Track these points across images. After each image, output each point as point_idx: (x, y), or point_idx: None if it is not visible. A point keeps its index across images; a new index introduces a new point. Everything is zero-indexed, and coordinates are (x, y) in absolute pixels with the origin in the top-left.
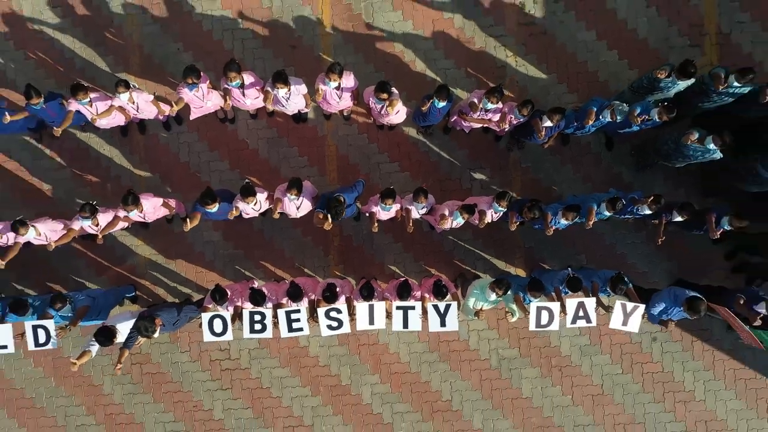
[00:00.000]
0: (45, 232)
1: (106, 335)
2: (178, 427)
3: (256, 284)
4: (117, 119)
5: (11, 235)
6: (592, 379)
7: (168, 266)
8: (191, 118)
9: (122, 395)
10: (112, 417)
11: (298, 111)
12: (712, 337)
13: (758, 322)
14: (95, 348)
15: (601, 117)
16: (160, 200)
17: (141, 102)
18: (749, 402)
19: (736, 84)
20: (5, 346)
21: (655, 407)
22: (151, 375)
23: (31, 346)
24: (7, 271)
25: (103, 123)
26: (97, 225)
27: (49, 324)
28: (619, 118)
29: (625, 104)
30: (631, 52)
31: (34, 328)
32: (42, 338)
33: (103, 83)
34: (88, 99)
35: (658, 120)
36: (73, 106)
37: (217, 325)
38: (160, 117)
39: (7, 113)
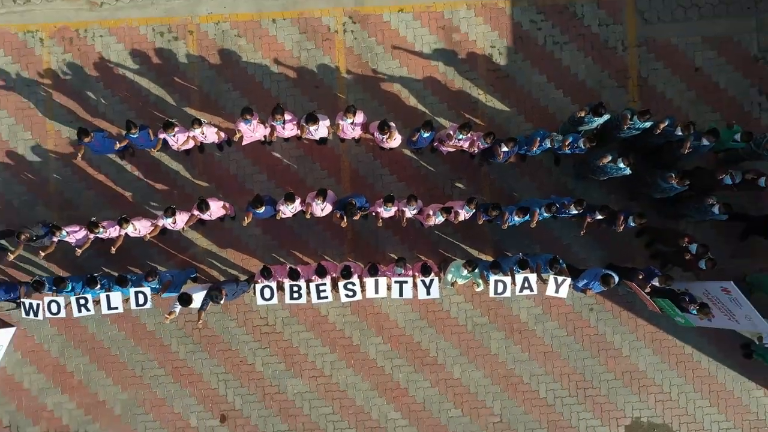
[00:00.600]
0: (139, 228)
1: (185, 299)
2: (228, 377)
3: (288, 267)
4: (188, 144)
5: (114, 229)
6: (544, 340)
7: (220, 254)
8: (243, 144)
9: (185, 352)
10: (177, 369)
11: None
12: (635, 307)
13: (648, 289)
14: (178, 308)
15: (543, 144)
16: (221, 203)
17: (208, 133)
18: (662, 357)
19: (638, 121)
20: (116, 308)
21: (591, 361)
22: (207, 337)
23: (133, 305)
24: (101, 257)
25: (177, 145)
26: (174, 223)
27: (146, 290)
28: (557, 145)
29: (560, 135)
30: (573, 92)
31: (136, 293)
32: (141, 300)
33: (171, 114)
34: (174, 132)
35: (583, 147)
36: (162, 135)
37: (266, 293)
38: (217, 141)
39: (117, 141)
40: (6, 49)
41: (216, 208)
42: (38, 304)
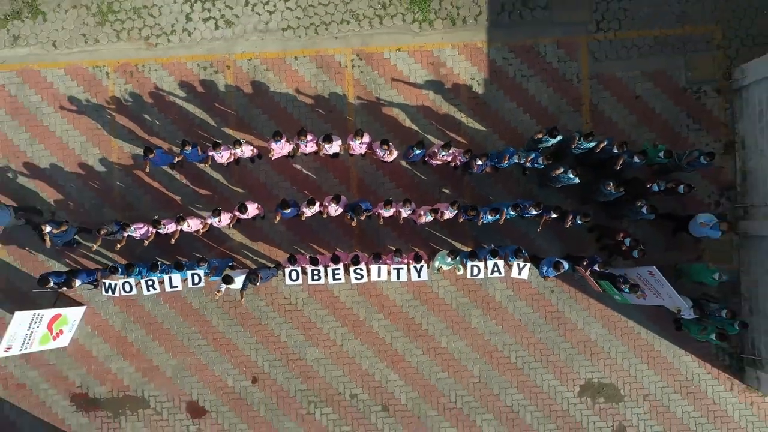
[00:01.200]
0: (191, 225)
1: (228, 280)
2: (258, 346)
3: (308, 256)
4: (230, 158)
5: (171, 225)
6: (514, 316)
7: (252, 246)
8: (272, 158)
9: (223, 326)
10: (217, 340)
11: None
12: (588, 289)
13: (588, 273)
14: (224, 287)
15: (511, 159)
16: (256, 205)
17: (246, 150)
18: (610, 329)
19: (583, 142)
20: (176, 287)
21: (552, 333)
22: (241, 314)
23: (190, 285)
24: (156, 249)
25: (222, 160)
26: (219, 221)
27: (200, 272)
28: (522, 160)
29: (525, 152)
30: (538, 116)
31: (192, 274)
32: (196, 280)
33: (212, 133)
34: (220, 151)
35: (541, 163)
36: (211, 153)
37: (293, 276)
38: (250, 156)
39: (174, 156)
40: (79, 81)
41: (252, 210)
42: (115, 284)
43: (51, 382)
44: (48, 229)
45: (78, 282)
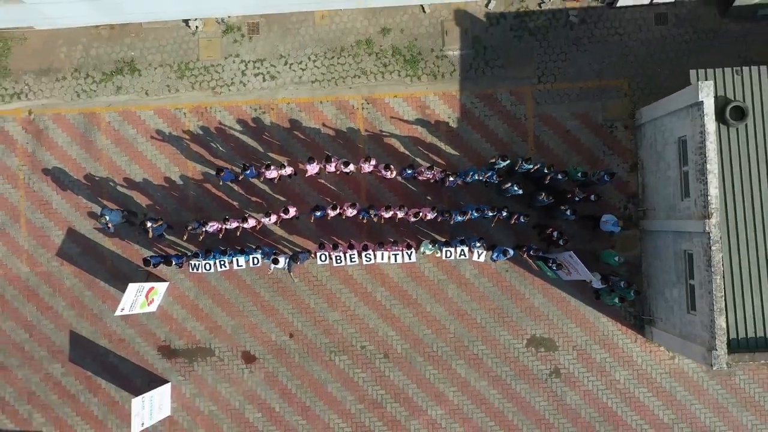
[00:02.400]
0: (250, 222)
1: (276, 261)
2: (294, 311)
3: (331, 245)
4: (275, 175)
5: (236, 223)
6: (479, 289)
7: (289, 238)
8: (305, 176)
9: (268, 296)
10: (263, 305)
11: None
12: (532, 269)
13: (525, 256)
14: (272, 267)
15: (473, 176)
16: (294, 208)
17: (287, 170)
18: (549, 299)
19: (524, 164)
20: (241, 266)
21: (507, 302)
22: (281, 288)
23: (251, 265)
24: (220, 241)
25: (270, 177)
26: (269, 220)
27: (258, 255)
28: (481, 177)
29: (483, 171)
30: (496, 144)
31: (253, 257)
32: (256, 262)
33: (260, 157)
34: (271, 170)
35: (495, 180)
36: (263, 171)
37: (323, 258)
38: (289, 173)
39: (237, 176)
40: (164, 119)
41: (291, 212)
42: (199, 264)
43: (143, 337)
44: (149, 224)
45: (173, 262)
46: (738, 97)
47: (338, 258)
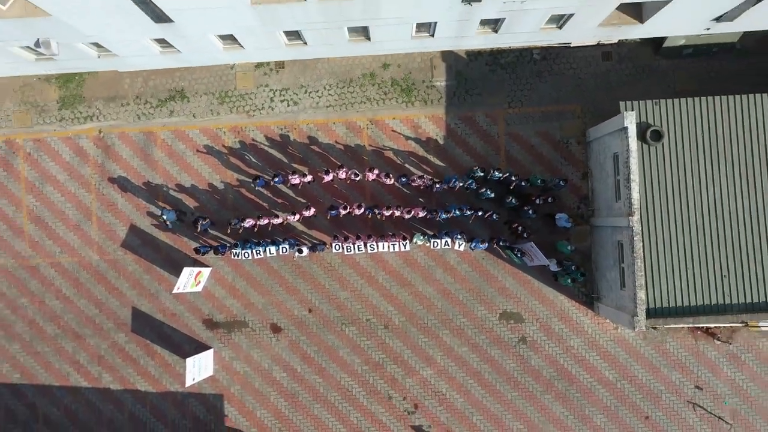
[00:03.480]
0: (279, 219)
1: (300, 251)
2: (312, 290)
3: (344, 236)
4: (297, 181)
5: (268, 220)
6: (461, 273)
7: (308, 232)
8: (322, 183)
9: (291, 279)
10: (287, 286)
11: (357, 179)
12: (503, 257)
13: (495, 245)
14: (297, 254)
15: (455, 183)
16: (313, 208)
17: (308, 177)
18: (517, 281)
19: (495, 173)
20: (273, 254)
21: (483, 283)
22: (302, 272)
23: (281, 253)
24: (253, 234)
25: (294, 183)
26: (293, 218)
27: (286, 245)
28: (462, 183)
29: (463, 179)
30: (475, 157)
31: (282, 247)
32: (284, 251)
33: (285, 167)
34: (296, 177)
35: (474, 186)
36: (290, 177)
37: (337, 247)
38: (309, 180)
39: (267, 182)
40: (207, 136)
41: (311, 211)
42: (239, 253)
43: (191, 311)
44: (200, 222)
45: (219, 251)
46: (656, 122)
47: (348, 248)
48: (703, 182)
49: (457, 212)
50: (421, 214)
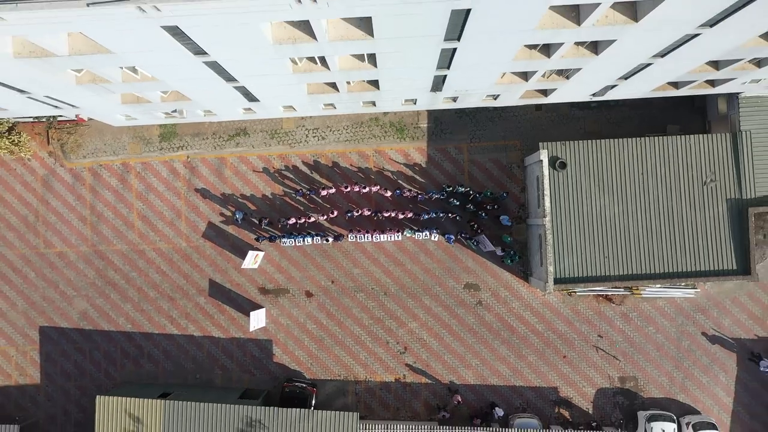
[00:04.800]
0: (313, 219)
1: (327, 240)
2: (334, 268)
3: (357, 230)
4: (325, 193)
5: (303, 219)
6: (439, 258)
7: (332, 228)
8: (342, 193)
9: (320, 259)
10: (317, 264)
11: (365, 191)
12: (470, 248)
13: (458, 237)
14: (324, 243)
15: (434, 195)
16: (336, 211)
17: (332, 190)
18: (478, 264)
19: (459, 188)
20: (309, 243)
21: (454, 264)
22: (328, 255)
23: (317, 242)
24: (295, 228)
25: (323, 193)
26: (323, 218)
27: (319, 237)
28: (437, 195)
29: (438, 192)
30: (446, 176)
31: (314, 237)
32: (318, 241)
33: (316, 182)
34: (325, 189)
35: (445, 196)
36: (320, 190)
37: (351, 238)
38: (331, 191)
39: (308, 193)
40: (263, 161)
41: (335, 213)
42: (285, 242)
43: (250, 282)
44: (263, 220)
45: (274, 240)
46: (563, 156)
47: (359, 238)
48: (593, 196)
49: (434, 214)
50: (410, 215)
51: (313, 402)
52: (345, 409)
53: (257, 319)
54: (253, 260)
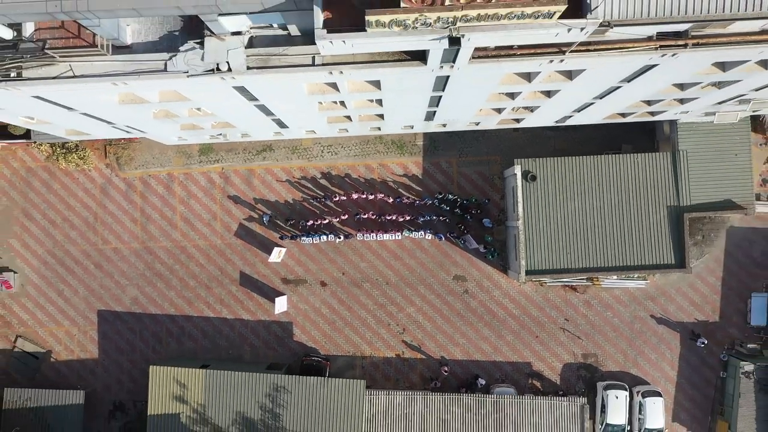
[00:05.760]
0: (327, 220)
1: (339, 237)
2: (344, 261)
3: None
4: (336, 199)
5: (319, 220)
6: (431, 253)
7: (343, 228)
8: (352, 200)
9: (333, 253)
10: (329, 258)
11: (371, 197)
12: (459, 245)
13: (447, 235)
14: (337, 240)
15: (428, 201)
16: (346, 214)
17: (343, 197)
18: (466, 260)
19: (449, 196)
20: (325, 240)
21: (444, 259)
22: (340, 252)
23: (330, 239)
24: (312, 228)
25: (335, 200)
26: (336, 219)
27: (332, 236)
28: (431, 201)
29: (432, 198)
30: (438, 185)
31: (329, 235)
32: (332, 239)
33: (330, 191)
34: (336, 196)
35: (438, 203)
36: (333, 197)
37: (359, 236)
38: (342, 197)
39: (323, 200)
40: (285, 173)
41: (345, 216)
42: (304, 240)
43: (274, 274)
44: (289, 222)
45: (296, 238)
46: (533, 170)
47: (366, 237)
48: (559, 203)
49: (428, 217)
50: (408, 218)
51: (327, 373)
52: (353, 378)
53: (280, 304)
54: (277, 255)
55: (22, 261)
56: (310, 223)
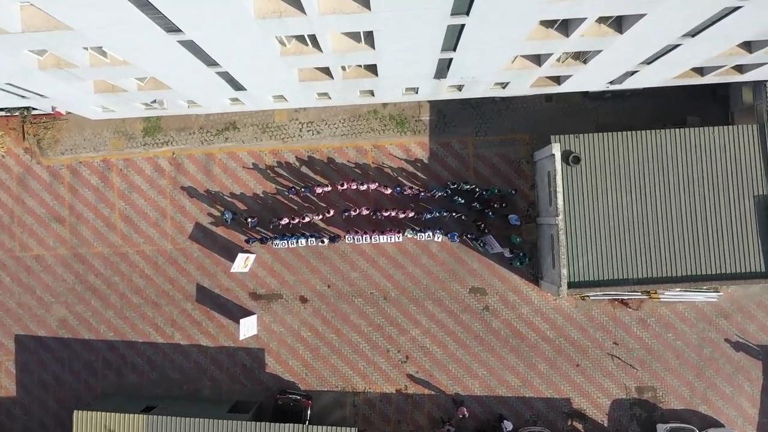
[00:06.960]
0: (307, 219)
1: (322, 241)
2: (330, 271)
3: (356, 231)
4: (320, 191)
5: (297, 219)
6: (440, 258)
7: (328, 228)
8: (338, 191)
9: (315, 262)
10: (312, 267)
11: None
12: (473, 247)
13: (461, 238)
14: (320, 244)
15: (437, 192)
16: (333, 210)
17: (328, 188)
18: (481, 264)
19: (464, 185)
20: (303, 244)
21: (457, 266)
22: (324, 257)
23: (310, 243)
24: (288, 229)
25: (318, 192)
26: (318, 217)
27: (313, 238)
28: (442, 192)
29: (442, 189)
30: (450, 172)
31: (308, 239)
32: (312, 242)
33: (311, 179)
34: (320, 188)
35: (450, 194)
36: (315, 188)
37: (349, 239)
38: (329, 190)
39: (302, 191)
40: (253, 158)
41: (331, 212)
42: (278, 243)
43: (240, 287)
44: (250, 220)
45: (265, 242)
46: (577, 150)
47: (357, 239)
48: (609, 193)
49: (437, 213)
50: (411, 215)
51: (308, 415)
52: (342, 422)
53: (248, 327)
54: (243, 263)
55: None
56: (285, 221)
